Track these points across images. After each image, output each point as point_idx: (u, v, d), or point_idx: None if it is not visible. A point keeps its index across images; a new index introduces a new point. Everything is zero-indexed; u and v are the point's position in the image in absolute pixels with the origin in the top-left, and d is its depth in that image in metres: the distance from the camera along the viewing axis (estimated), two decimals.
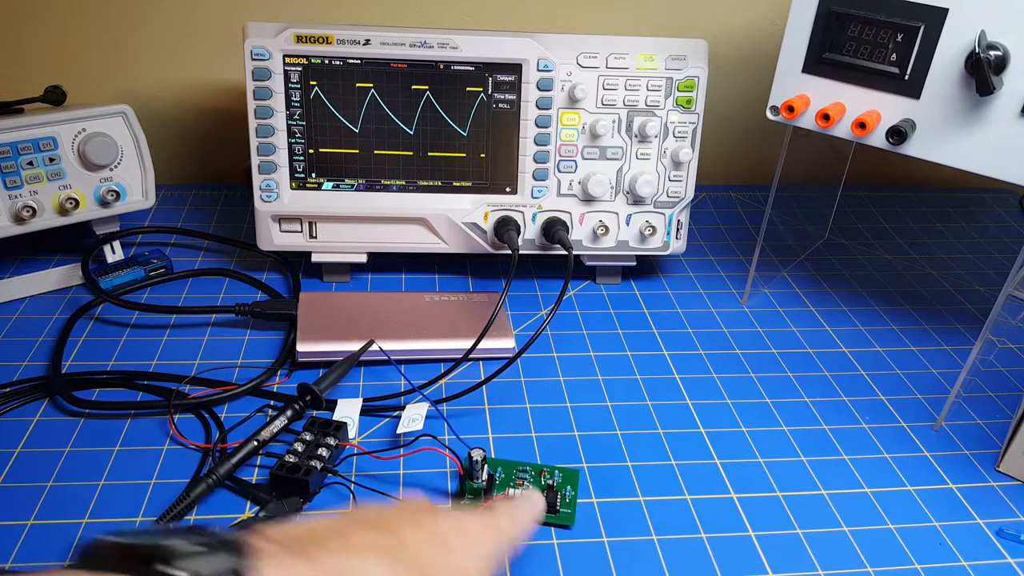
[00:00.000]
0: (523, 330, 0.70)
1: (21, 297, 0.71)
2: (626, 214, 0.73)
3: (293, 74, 0.68)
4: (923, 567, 0.50)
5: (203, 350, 0.65)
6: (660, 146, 0.71)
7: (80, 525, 0.49)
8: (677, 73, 0.70)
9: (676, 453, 0.58)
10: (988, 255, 0.88)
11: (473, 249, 0.74)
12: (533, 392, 0.63)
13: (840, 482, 0.56)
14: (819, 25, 0.59)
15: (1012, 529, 0.53)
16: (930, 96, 0.57)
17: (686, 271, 0.81)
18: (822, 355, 0.70)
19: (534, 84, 0.69)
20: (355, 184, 0.72)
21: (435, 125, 0.70)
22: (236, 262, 0.78)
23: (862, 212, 0.96)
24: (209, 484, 0.51)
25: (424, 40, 0.67)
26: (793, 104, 0.61)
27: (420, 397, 0.60)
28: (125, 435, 0.57)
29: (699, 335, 0.71)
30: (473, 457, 0.52)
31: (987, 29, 0.53)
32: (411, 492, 0.53)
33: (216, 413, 0.58)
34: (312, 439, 0.54)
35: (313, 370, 0.64)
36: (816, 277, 0.81)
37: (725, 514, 0.53)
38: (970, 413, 0.63)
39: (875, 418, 0.62)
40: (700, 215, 0.92)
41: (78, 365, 0.63)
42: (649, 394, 0.64)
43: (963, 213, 0.97)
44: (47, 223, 0.68)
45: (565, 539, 0.50)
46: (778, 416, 0.62)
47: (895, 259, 0.86)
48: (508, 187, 0.72)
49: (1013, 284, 0.56)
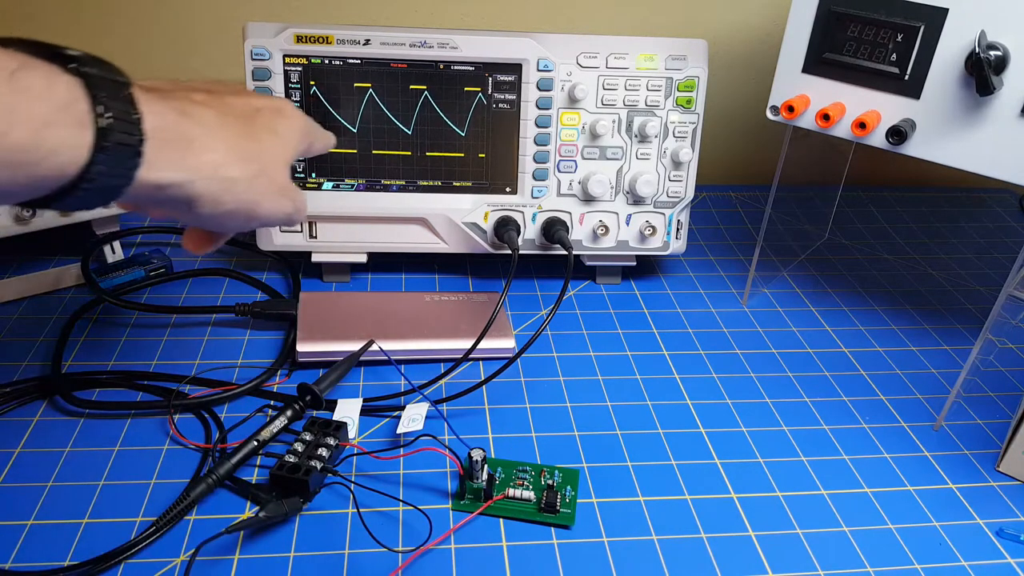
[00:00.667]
0: (523, 330, 0.70)
1: (21, 297, 0.71)
2: (626, 214, 0.73)
3: (293, 74, 0.68)
4: (923, 567, 0.50)
5: (203, 350, 0.65)
6: (660, 146, 0.71)
7: (80, 525, 0.49)
8: (677, 73, 0.70)
9: (676, 453, 0.58)
10: (988, 255, 0.88)
11: (473, 249, 0.74)
12: (533, 392, 0.63)
13: (840, 482, 0.56)
14: (819, 25, 0.59)
15: (1012, 529, 0.53)
16: (930, 96, 0.57)
17: (686, 271, 0.81)
18: (822, 355, 0.70)
19: (534, 84, 0.69)
20: (355, 184, 0.72)
21: (435, 125, 0.70)
22: (236, 262, 0.78)
23: (862, 212, 0.96)
24: (209, 484, 0.51)
25: (424, 40, 0.67)
26: (793, 104, 0.61)
27: (420, 397, 0.60)
28: (125, 435, 0.57)
29: (699, 335, 0.71)
30: (473, 457, 0.52)
31: (987, 29, 0.53)
32: (411, 492, 0.53)
33: (216, 413, 0.58)
34: (312, 439, 0.54)
35: (313, 370, 0.64)
36: (816, 277, 0.81)
37: (725, 514, 0.53)
38: (970, 413, 0.63)
39: (875, 418, 0.62)
40: (700, 215, 0.92)
41: (78, 365, 0.63)
42: (649, 394, 0.64)
43: (963, 213, 0.97)
44: (47, 223, 0.68)
45: (565, 539, 0.50)
46: (778, 416, 0.62)
47: (895, 259, 0.86)
48: (508, 187, 0.72)
49: (1013, 284, 0.56)
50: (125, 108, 0.36)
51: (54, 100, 0.34)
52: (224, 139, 0.42)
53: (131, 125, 0.36)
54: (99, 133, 0.35)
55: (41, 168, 0.34)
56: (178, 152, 0.39)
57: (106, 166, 0.36)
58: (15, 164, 0.33)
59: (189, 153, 0.40)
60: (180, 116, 0.40)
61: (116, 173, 0.36)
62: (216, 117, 0.42)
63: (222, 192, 0.42)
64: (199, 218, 0.43)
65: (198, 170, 0.40)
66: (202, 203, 0.41)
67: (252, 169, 0.44)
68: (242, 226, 0.46)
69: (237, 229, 0.47)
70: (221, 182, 0.42)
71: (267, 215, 0.46)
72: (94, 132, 0.35)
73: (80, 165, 0.35)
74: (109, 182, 0.36)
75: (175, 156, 0.39)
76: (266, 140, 0.45)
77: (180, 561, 0.47)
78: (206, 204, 0.42)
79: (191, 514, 0.51)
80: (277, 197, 0.46)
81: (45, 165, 0.34)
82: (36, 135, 0.33)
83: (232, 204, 0.43)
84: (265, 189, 0.45)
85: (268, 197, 0.45)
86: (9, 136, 0.32)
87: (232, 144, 0.43)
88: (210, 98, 0.44)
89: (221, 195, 0.42)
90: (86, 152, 0.35)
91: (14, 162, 0.33)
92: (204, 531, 0.49)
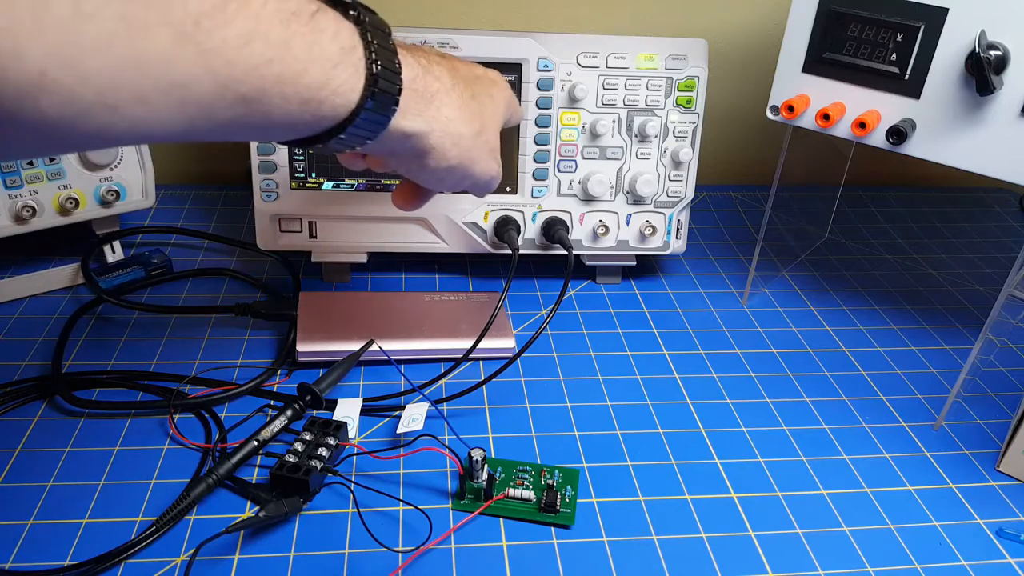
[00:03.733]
0: (523, 330, 0.70)
1: (21, 297, 0.71)
2: (626, 214, 0.73)
3: None
4: (923, 567, 0.50)
5: (203, 350, 0.65)
6: (660, 146, 0.71)
7: (80, 525, 0.49)
8: (677, 73, 0.70)
9: (676, 453, 0.58)
10: (988, 255, 0.88)
11: (473, 249, 0.74)
12: (533, 392, 0.63)
13: (840, 482, 0.56)
14: (819, 25, 0.59)
15: (1012, 529, 0.53)
16: (930, 96, 0.57)
17: (686, 271, 0.81)
18: (822, 355, 0.70)
19: (534, 84, 0.69)
20: (355, 184, 0.72)
21: None
22: (236, 262, 0.78)
23: (862, 212, 0.96)
24: (209, 484, 0.51)
25: (424, 40, 0.67)
26: (793, 104, 0.61)
27: (420, 397, 0.60)
28: (125, 435, 0.57)
29: (699, 335, 0.71)
30: (473, 457, 0.52)
31: (987, 29, 0.53)
32: (411, 492, 0.53)
33: (216, 413, 0.58)
34: (312, 439, 0.54)
35: (313, 370, 0.64)
36: (816, 277, 0.81)
37: (725, 514, 0.53)
38: (970, 413, 0.63)
39: (875, 418, 0.62)
40: (700, 215, 0.92)
41: (78, 365, 0.63)
42: (649, 394, 0.64)
43: (963, 213, 0.97)
44: (47, 223, 0.68)
45: (565, 539, 0.50)
46: (778, 416, 0.62)
47: (895, 259, 0.86)
48: (508, 187, 0.72)
49: (1013, 284, 0.56)
50: (391, 58, 0.38)
51: (341, 43, 0.36)
52: (456, 97, 0.45)
53: (394, 75, 0.39)
54: (370, 78, 0.37)
55: (324, 107, 0.36)
56: (423, 103, 0.42)
57: (372, 110, 0.38)
58: (305, 100, 0.35)
59: (432, 105, 0.43)
60: (425, 71, 0.43)
61: (377, 117, 0.39)
62: (450, 76, 0.45)
63: (451, 146, 0.45)
64: (424, 170, 0.46)
65: (437, 121, 0.43)
66: (433, 155, 0.44)
67: (476, 127, 0.46)
68: (455, 184, 0.48)
69: (449, 188, 0.49)
70: (452, 136, 0.44)
71: (479, 174, 0.48)
72: (366, 77, 0.37)
73: (351, 107, 0.37)
74: (370, 125, 0.39)
75: (421, 106, 0.42)
76: (487, 103, 0.48)
77: (180, 561, 0.47)
78: (435, 156, 0.44)
79: (191, 514, 0.51)
80: (489, 158, 0.48)
81: (328, 104, 0.36)
82: (326, 75, 0.35)
83: (456, 159, 0.45)
84: (483, 148, 0.47)
85: (484, 156, 0.48)
86: (308, 74, 0.34)
87: (462, 103, 0.45)
88: (443, 59, 0.46)
89: (450, 148, 0.45)
90: (358, 96, 0.37)
91: (305, 98, 0.35)
92: (204, 531, 0.49)
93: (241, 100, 0.33)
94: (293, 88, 0.34)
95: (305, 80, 0.34)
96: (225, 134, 0.35)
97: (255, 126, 0.35)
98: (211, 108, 0.32)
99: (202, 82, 0.31)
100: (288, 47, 0.33)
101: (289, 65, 0.34)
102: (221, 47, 0.31)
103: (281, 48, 0.33)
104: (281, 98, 0.34)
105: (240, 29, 0.31)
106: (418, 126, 0.42)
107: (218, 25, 0.31)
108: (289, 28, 0.33)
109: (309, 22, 0.34)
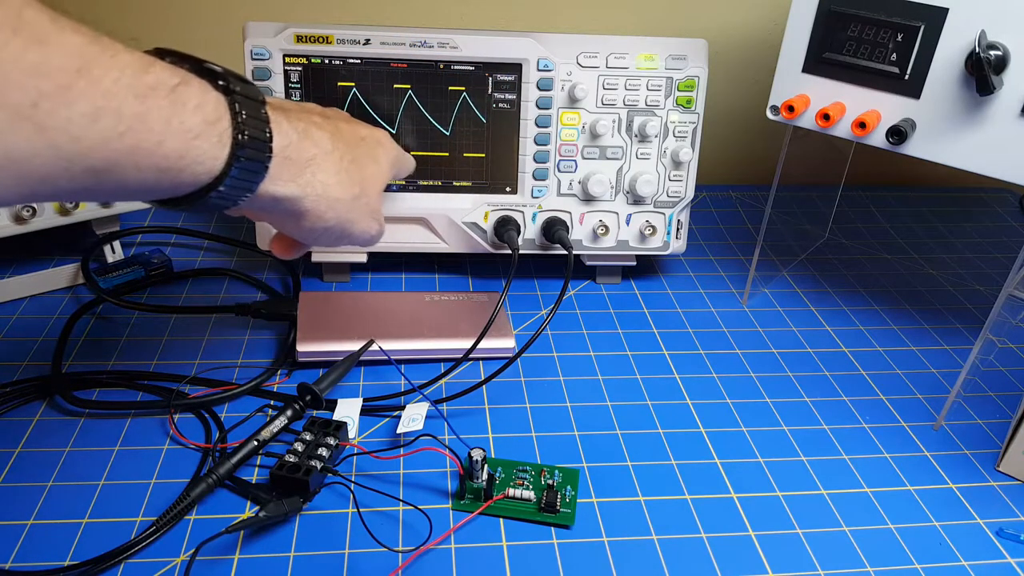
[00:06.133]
0: (523, 330, 0.70)
1: (21, 297, 0.71)
2: (626, 214, 0.73)
3: (293, 74, 0.68)
4: (923, 567, 0.50)
5: (203, 350, 0.65)
6: (660, 146, 0.71)
7: (80, 525, 0.49)
8: (677, 73, 0.70)
9: (676, 453, 0.58)
10: (988, 255, 0.88)
11: (473, 249, 0.74)
12: (533, 392, 0.63)
13: (840, 482, 0.56)
14: (819, 25, 0.59)
15: (1012, 529, 0.53)
16: (930, 96, 0.57)
17: (686, 271, 0.81)
18: (822, 355, 0.70)
19: (534, 84, 0.69)
20: None
21: (435, 124, 0.70)
22: (236, 262, 0.78)
23: (862, 212, 0.96)
24: (209, 484, 0.51)
25: (424, 40, 0.67)
26: (793, 104, 0.61)
27: (420, 397, 0.60)
28: (125, 435, 0.57)
29: (699, 335, 0.71)
30: (473, 457, 0.52)
31: (987, 29, 0.53)
32: (411, 492, 0.53)
33: (216, 413, 0.58)
34: (312, 439, 0.54)
35: (313, 370, 0.64)
36: (816, 277, 0.81)
37: (725, 514, 0.53)
38: (970, 413, 0.63)
39: (875, 418, 0.62)
40: (700, 215, 0.92)
41: (78, 365, 0.63)
42: (649, 394, 0.64)
43: (963, 213, 0.97)
44: (47, 222, 0.68)
45: (565, 539, 0.50)
46: (778, 416, 0.62)
47: (895, 259, 0.86)
48: (508, 187, 0.72)
49: (1013, 284, 0.56)
50: (260, 127, 0.40)
51: (204, 115, 0.37)
52: (335, 162, 0.46)
53: (263, 143, 0.40)
54: (236, 148, 0.38)
55: (183, 175, 0.37)
56: (296, 169, 0.43)
57: (236, 177, 0.39)
58: (163, 170, 0.36)
59: (307, 171, 0.44)
60: (302, 137, 0.44)
61: (243, 184, 0.40)
62: (330, 141, 0.46)
63: (326, 209, 0.46)
64: (299, 229, 0.47)
65: (311, 186, 0.44)
66: (307, 217, 0.45)
67: (354, 191, 0.48)
68: (333, 242, 0.49)
69: (327, 244, 0.50)
70: (327, 200, 0.46)
71: (358, 234, 0.50)
72: (232, 146, 0.38)
73: (214, 175, 0.38)
74: (235, 191, 0.40)
75: (294, 173, 0.43)
76: (368, 167, 0.50)
77: (180, 561, 0.47)
78: (310, 218, 0.46)
79: (191, 514, 0.51)
80: (369, 219, 0.50)
81: (188, 172, 0.37)
82: (186, 146, 0.36)
83: (332, 221, 0.47)
84: (362, 210, 0.49)
85: (362, 218, 0.49)
86: (165, 145, 0.35)
87: (340, 168, 0.46)
88: (326, 122, 0.47)
89: (325, 211, 0.46)
90: (222, 164, 0.38)
91: (163, 168, 0.36)
92: (204, 531, 0.49)
93: (90, 171, 0.33)
94: (149, 159, 0.35)
95: (162, 151, 0.35)
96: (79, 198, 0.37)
97: (109, 192, 0.36)
98: (55, 180, 0.33)
99: (43, 157, 0.32)
100: (143, 120, 0.34)
101: (144, 137, 0.34)
102: (65, 125, 0.31)
103: (135, 121, 0.34)
104: (135, 168, 0.35)
105: (86, 107, 0.32)
106: (290, 191, 0.43)
107: (60, 105, 0.31)
108: (145, 102, 0.34)
109: (169, 95, 0.35)
